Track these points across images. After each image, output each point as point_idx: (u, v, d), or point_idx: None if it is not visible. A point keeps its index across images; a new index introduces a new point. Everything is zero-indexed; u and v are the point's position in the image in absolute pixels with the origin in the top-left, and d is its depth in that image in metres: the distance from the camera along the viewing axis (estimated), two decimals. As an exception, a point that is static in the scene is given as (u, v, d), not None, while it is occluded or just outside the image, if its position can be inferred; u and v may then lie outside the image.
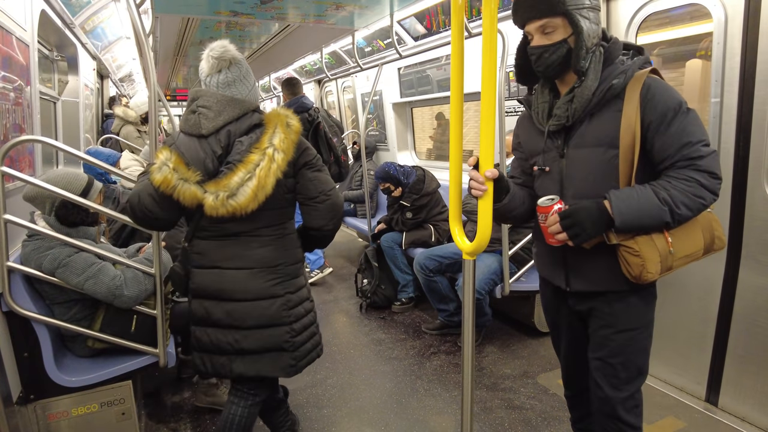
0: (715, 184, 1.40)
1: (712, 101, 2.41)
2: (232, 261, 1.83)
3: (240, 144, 1.77)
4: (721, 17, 2.32)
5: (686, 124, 1.37)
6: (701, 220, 1.48)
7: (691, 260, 1.47)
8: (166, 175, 1.68)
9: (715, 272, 2.48)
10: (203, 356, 1.89)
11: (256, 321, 1.83)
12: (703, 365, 2.55)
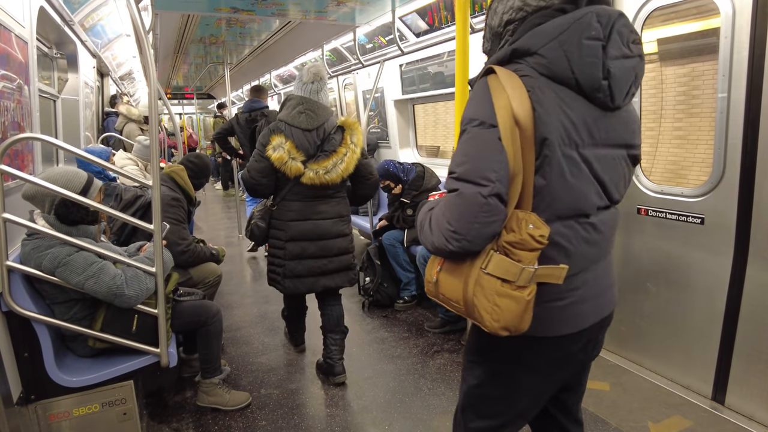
0: (441, 230, 1.11)
1: (719, 96, 2.40)
2: (321, 214, 2.71)
3: (333, 139, 2.64)
4: (729, 11, 2.30)
5: (460, 143, 1.15)
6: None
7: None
8: (282, 154, 2.51)
9: (722, 270, 2.45)
10: (295, 281, 2.73)
11: (338, 250, 2.76)
12: (709, 364, 2.53)
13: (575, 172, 1.12)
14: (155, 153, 2.05)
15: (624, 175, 1.25)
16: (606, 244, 1.25)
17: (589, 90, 1.10)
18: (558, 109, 1.09)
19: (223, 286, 3.94)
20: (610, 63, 1.09)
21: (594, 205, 1.17)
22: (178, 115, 12.38)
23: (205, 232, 6.97)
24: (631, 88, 1.16)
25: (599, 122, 1.14)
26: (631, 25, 1.14)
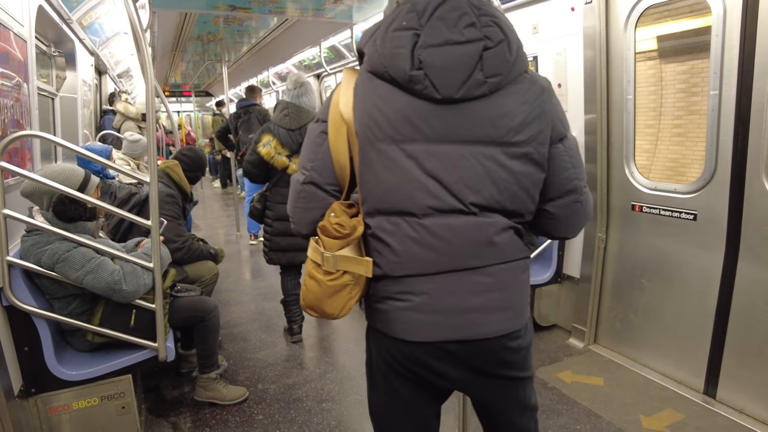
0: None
1: (711, 93, 2.42)
2: None
3: None
4: (720, 10, 2.33)
5: None
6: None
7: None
8: (269, 150, 2.96)
9: (713, 265, 2.48)
10: (278, 253, 3.19)
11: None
12: (701, 358, 2.57)
13: (392, 168, 1.08)
14: (153, 150, 2.07)
15: (493, 175, 1.07)
16: (454, 254, 1.10)
17: (403, 82, 1.05)
18: (371, 105, 1.08)
19: (220, 283, 3.97)
20: (422, 51, 1.02)
21: (422, 204, 1.08)
22: (176, 113, 12.38)
23: (203, 231, 6.98)
24: (475, 75, 1.03)
25: (432, 116, 1.06)
26: (467, 8, 1.04)
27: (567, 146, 1.14)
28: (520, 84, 1.09)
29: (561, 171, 1.13)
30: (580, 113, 3.05)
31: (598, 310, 3.14)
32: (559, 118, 1.13)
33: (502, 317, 1.14)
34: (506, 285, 1.15)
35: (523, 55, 1.10)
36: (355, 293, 1.16)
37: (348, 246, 1.12)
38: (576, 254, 3.24)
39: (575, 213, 1.18)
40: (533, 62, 3.31)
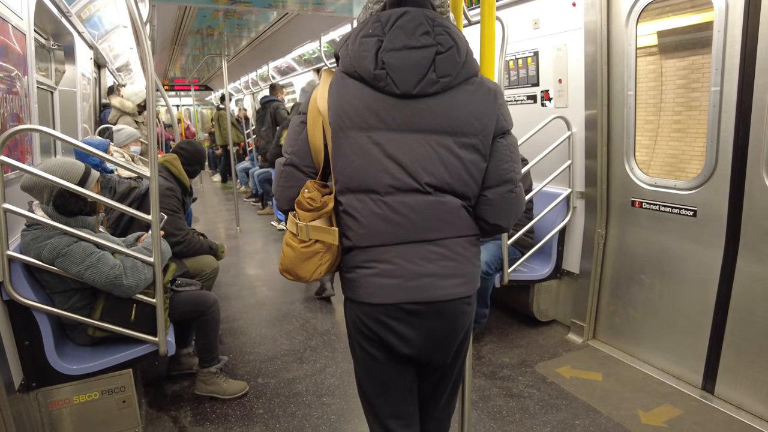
0: None
1: (712, 90, 2.43)
2: None
3: None
4: (722, 5, 2.32)
5: None
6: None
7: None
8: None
9: (712, 261, 2.49)
10: None
11: None
12: (700, 354, 2.58)
13: (359, 152, 1.25)
14: (153, 144, 2.07)
15: (444, 160, 1.25)
16: (412, 227, 1.27)
17: (370, 80, 1.23)
18: (342, 99, 1.26)
19: (220, 277, 3.97)
20: (384, 54, 1.21)
21: (384, 183, 1.25)
22: (175, 107, 12.34)
23: (203, 225, 6.98)
24: (429, 76, 1.22)
25: (393, 109, 1.24)
26: (423, 19, 1.23)
27: (508, 141, 1.33)
28: (470, 85, 1.27)
29: (501, 162, 1.31)
30: (581, 109, 3.04)
31: (597, 306, 3.15)
32: (503, 116, 1.31)
33: (454, 282, 1.32)
34: (458, 255, 1.32)
35: (473, 60, 1.28)
36: (325, 260, 1.33)
37: (320, 218, 1.30)
38: (575, 250, 3.24)
39: (509, 202, 1.33)
40: (534, 58, 3.30)
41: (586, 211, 3.16)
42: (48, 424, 2.16)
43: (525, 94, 3.46)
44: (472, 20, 2.96)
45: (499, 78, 2.80)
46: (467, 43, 1.28)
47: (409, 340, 1.34)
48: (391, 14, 1.24)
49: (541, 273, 3.31)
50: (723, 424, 2.30)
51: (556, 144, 3.11)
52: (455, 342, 1.40)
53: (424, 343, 1.35)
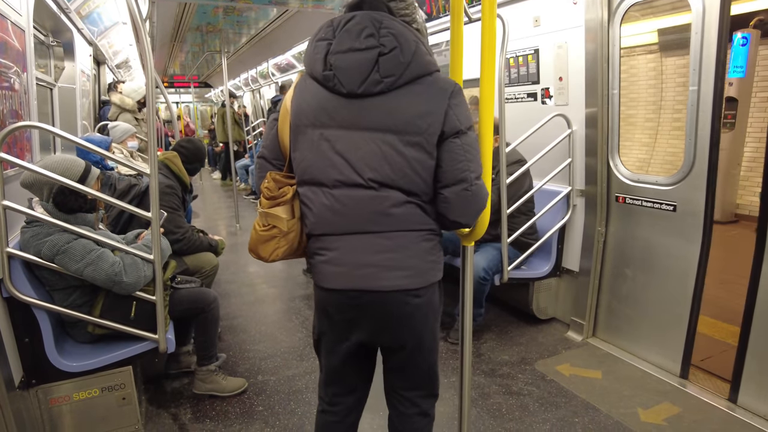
0: None
1: (691, 89, 2.52)
2: None
3: None
4: (699, 8, 2.39)
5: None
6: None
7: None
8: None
9: (691, 256, 2.60)
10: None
11: None
12: (679, 346, 2.67)
13: (312, 148, 1.36)
14: (153, 142, 2.06)
15: (388, 157, 1.31)
16: (356, 219, 1.36)
17: (322, 80, 1.34)
18: (302, 98, 1.38)
19: (220, 274, 3.97)
20: (332, 57, 1.31)
21: (332, 178, 1.35)
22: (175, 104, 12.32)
23: (203, 223, 6.98)
24: (372, 76, 1.28)
25: (341, 108, 1.33)
26: (368, 23, 1.30)
27: (463, 141, 1.33)
28: (418, 85, 1.31)
29: (454, 162, 1.33)
30: (581, 107, 3.04)
31: (596, 304, 3.16)
32: (456, 116, 1.32)
33: (398, 275, 1.37)
34: (404, 248, 1.37)
35: (423, 60, 1.32)
36: (282, 245, 1.45)
37: (279, 206, 1.42)
38: (575, 248, 3.25)
39: (465, 200, 1.35)
40: (534, 55, 3.29)
41: (586, 209, 3.16)
42: (48, 421, 2.16)
43: (525, 92, 3.46)
44: (473, 17, 2.96)
45: (500, 75, 2.80)
46: (417, 44, 1.31)
47: (356, 325, 1.45)
48: (341, 19, 1.34)
49: (540, 271, 3.32)
50: (721, 422, 2.30)
51: (556, 142, 3.11)
52: (404, 333, 1.46)
53: (371, 330, 1.46)
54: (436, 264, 1.44)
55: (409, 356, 1.53)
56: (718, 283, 4.00)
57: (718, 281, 4.04)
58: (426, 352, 1.53)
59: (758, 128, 6.04)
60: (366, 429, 2.31)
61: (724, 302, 3.68)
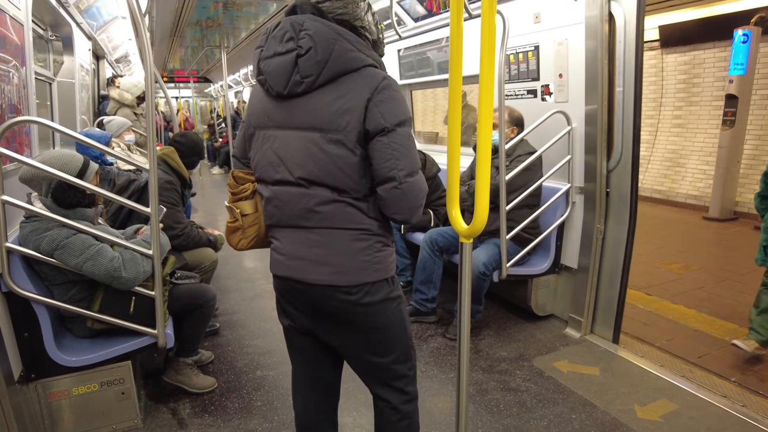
0: None
1: (618, 90, 2.87)
2: None
3: None
4: (622, 21, 2.75)
5: None
6: None
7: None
8: None
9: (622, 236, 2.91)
10: None
11: None
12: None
13: (258, 148, 1.46)
14: (153, 137, 2.06)
15: (313, 155, 1.35)
16: (289, 215, 1.43)
17: (261, 84, 1.42)
18: (252, 102, 1.50)
19: (219, 270, 3.98)
20: (262, 62, 1.39)
21: (270, 176, 1.44)
22: (174, 99, 12.29)
23: (202, 218, 6.98)
24: (293, 77, 1.34)
25: (275, 109, 1.41)
26: (289, 27, 1.35)
27: (390, 140, 1.34)
28: (341, 82, 1.34)
29: (381, 161, 1.34)
30: (581, 104, 3.03)
31: (595, 301, 3.16)
32: (380, 113, 1.32)
33: (324, 270, 1.42)
34: (332, 245, 1.41)
35: (345, 58, 1.34)
36: (247, 235, 1.55)
37: (242, 201, 1.54)
38: (574, 245, 3.25)
39: (396, 198, 1.37)
40: (534, 52, 3.29)
41: (585, 206, 3.16)
42: (47, 415, 2.17)
43: (525, 89, 3.45)
44: (473, 14, 2.95)
45: (500, 72, 2.80)
46: (336, 41, 1.33)
47: (296, 313, 1.55)
48: (271, 27, 1.40)
49: (539, 268, 3.32)
50: (719, 419, 2.32)
51: (555, 139, 3.11)
52: (337, 329, 1.52)
53: (311, 320, 1.53)
54: (371, 264, 1.43)
55: (350, 353, 1.59)
56: (717, 280, 4.02)
57: (717, 278, 4.06)
58: (370, 352, 1.55)
59: (758, 126, 6.05)
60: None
61: (723, 300, 3.70)
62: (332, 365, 1.71)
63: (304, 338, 1.62)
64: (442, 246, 3.34)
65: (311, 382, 1.71)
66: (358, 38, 1.39)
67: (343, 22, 1.39)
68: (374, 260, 1.44)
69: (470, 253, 1.52)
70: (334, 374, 1.73)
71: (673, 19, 6.75)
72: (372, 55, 1.40)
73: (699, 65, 6.71)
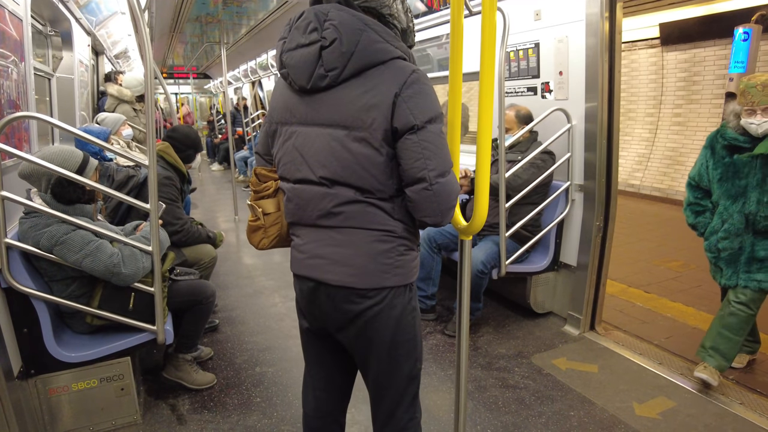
0: None
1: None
2: None
3: None
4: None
5: None
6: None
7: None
8: None
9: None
10: None
11: None
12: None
13: (280, 144, 1.41)
14: (152, 133, 2.06)
15: (336, 154, 1.29)
16: (308, 213, 1.38)
17: (284, 78, 1.37)
18: (275, 97, 1.44)
19: (219, 266, 3.98)
20: (285, 55, 1.33)
21: (291, 174, 1.39)
22: (174, 95, 12.26)
23: (202, 214, 6.97)
24: (317, 71, 1.27)
25: (298, 104, 1.35)
26: (313, 17, 1.28)
27: (420, 138, 1.25)
28: (368, 76, 1.26)
29: (410, 161, 1.26)
30: (581, 101, 3.03)
31: (594, 298, 3.17)
32: (409, 110, 1.24)
33: (343, 270, 1.36)
34: (353, 246, 1.35)
35: (371, 49, 1.25)
36: (269, 234, 1.51)
37: (264, 200, 1.50)
38: (573, 242, 3.25)
39: (427, 199, 1.28)
40: (534, 49, 3.28)
41: (585, 203, 3.16)
42: (47, 411, 2.18)
43: (525, 86, 3.45)
44: (473, 10, 2.94)
45: (500, 69, 2.79)
46: (363, 32, 1.25)
47: (311, 312, 1.49)
48: (293, 17, 1.34)
49: (538, 265, 3.32)
50: (716, 417, 2.32)
51: (555, 136, 3.10)
52: (351, 333, 1.42)
53: (325, 320, 1.46)
54: (393, 268, 1.36)
55: (360, 359, 1.49)
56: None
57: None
58: (378, 364, 1.45)
59: (758, 124, 6.03)
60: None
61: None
62: (347, 368, 1.62)
63: (320, 340, 1.56)
64: (441, 243, 3.35)
65: (324, 383, 1.63)
66: (386, 28, 1.30)
67: (370, 10, 1.32)
68: (396, 263, 1.37)
69: (470, 250, 1.53)
70: (348, 377, 1.65)
71: (673, 17, 6.74)
72: (401, 46, 1.31)
73: (699, 63, 6.70)
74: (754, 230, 2.40)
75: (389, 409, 1.50)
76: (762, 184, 2.35)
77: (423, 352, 1.60)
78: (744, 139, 2.38)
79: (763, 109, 2.30)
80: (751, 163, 2.37)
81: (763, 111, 2.30)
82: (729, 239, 2.45)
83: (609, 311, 3.34)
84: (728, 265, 2.49)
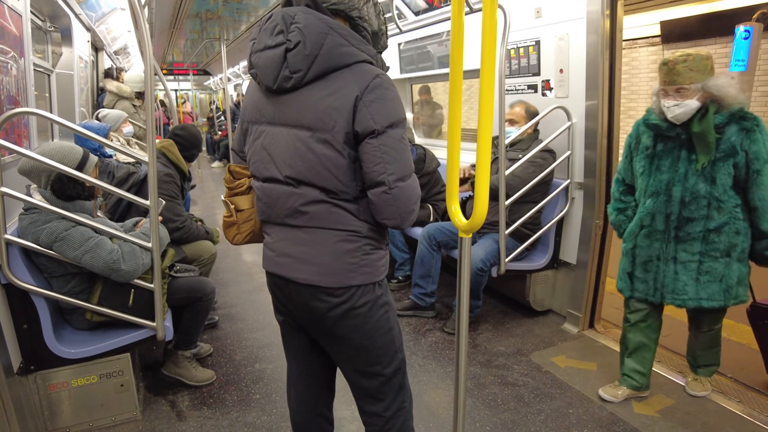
0: None
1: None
2: None
3: None
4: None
5: None
6: None
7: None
8: None
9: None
10: None
11: None
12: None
13: (251, 143, 1.44)
14: (152, 129, 2.06)
15: (301, 154, 1.31)
16: (276, 212, 1.41)
17: (254, 78, 1.39)
18: (247, 97, 1.47)
19: (218, 263, 3.98)
20: (253, 56, 1.36)
21: (260, 172, 1.42)
22: (173, 92, 12.24)
23: (201, 211, 6.97)
24: (282, 72, 1.29)
25: (267, 104, 1.38)
26: (279, 20, 1.30)
27: (380, 142, 1.27)
28: (331, 81, 1.28)
29: (370, 164, 1.29)
30: (581, 99, 3.03)
31: (593, 296, 3.17)
32: (370, 114, 1.26)
33: (310, 269, 1.38)
34: (318, 245, 1.37)
35: (335, 52, 1.27)
36: (242, 230, 1.54)
37: (238, 196, 1.52)
38: (573, 240, 3.25)
39: (386, 202, 1.31)
40: (535, 47, 3.27)
41: (585, 201, 3.16)
42: (47, 406, 2.18)
43: (526, 84, 3.44)
44: (474, 8, 2.94)
45: (500, 67, 2.79)
46: (327, 35, 1.27)
47: (288, 309, 1.51)
48: (264, 19, 1.37)
49: (538, 263, 3.32)
50: (714, 415, 2.33)
51: (556, 134, 3.10)
52: (321, 330, 1.46)
53: (297, 316, 1.50)
54: (358, 267, 1.38)
55: (336, 357, 1.54)
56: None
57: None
58: (354, 360, 1.49)
59: (758, 123, 6.03)
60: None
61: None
62: (325, 363, 1.65)
63: (297, 335, 1.60)
64: (440, 241, 3.35)
65: (305, 379, 1.67)
66: (352, 32, 1.32)
67: (339, 12, 1.34)
68: (362, 263, 1.39)
69: (469, 248, 1.53)
70: (327, 372, 1.69)
71: (674, 15, 6.73)
72: (367, 50, 1.33)
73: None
74: (676, 236, 2.10)
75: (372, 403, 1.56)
76: (684, 181, 2.04)
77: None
78: (666, 127, 2.06)
79: (676, 90, 1.97)
80: (674, 154, 2.06)
81: (676, 92, 1.98)
82: (646, 245, 2.18)
83: (608, 309, 3.33)
84: (645, 274, 2.21)
